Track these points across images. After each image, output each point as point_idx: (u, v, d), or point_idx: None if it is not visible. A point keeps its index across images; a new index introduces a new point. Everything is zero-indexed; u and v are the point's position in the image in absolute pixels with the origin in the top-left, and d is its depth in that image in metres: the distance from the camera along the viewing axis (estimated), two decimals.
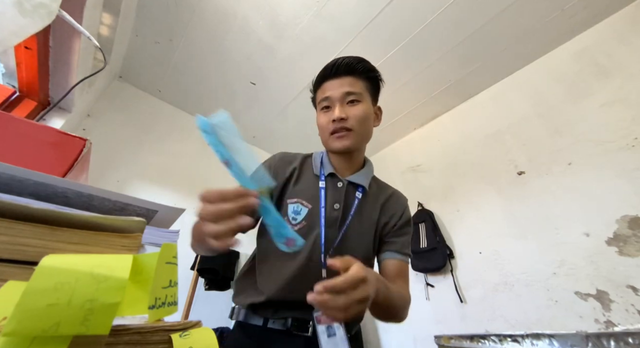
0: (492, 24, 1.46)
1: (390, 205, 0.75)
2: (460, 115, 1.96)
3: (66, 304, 0.13)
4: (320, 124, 0.71)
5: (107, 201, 0.25)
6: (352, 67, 0.69)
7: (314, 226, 0.66)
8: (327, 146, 0.72)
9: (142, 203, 0.26)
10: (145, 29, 1.59)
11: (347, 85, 0.68)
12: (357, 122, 0.67)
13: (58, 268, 0.14)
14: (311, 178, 0.73)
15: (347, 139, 0.67)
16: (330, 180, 0.72)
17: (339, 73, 0.69)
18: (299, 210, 0.68)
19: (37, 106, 1.16)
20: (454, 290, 1.54)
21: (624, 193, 1.15)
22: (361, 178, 0.74)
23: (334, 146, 0.68)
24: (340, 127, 0.66)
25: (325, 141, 0.71)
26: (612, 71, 1.32)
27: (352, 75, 0.69)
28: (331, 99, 0.68)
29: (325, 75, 0.71)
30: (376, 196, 0.75)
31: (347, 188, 0.71)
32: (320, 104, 0.71)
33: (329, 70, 0.70)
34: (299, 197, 0.70)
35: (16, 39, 0.55)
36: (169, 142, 2.02)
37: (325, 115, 0.69)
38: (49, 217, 0.19)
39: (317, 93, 0.73)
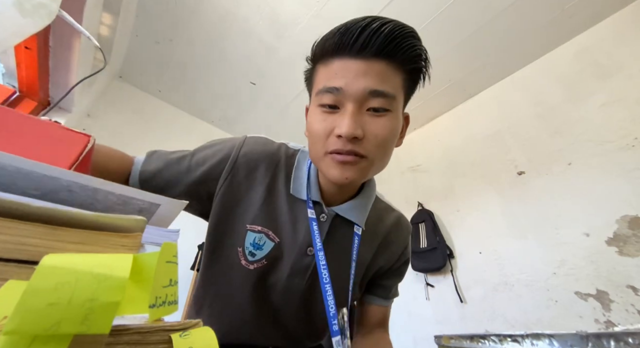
0: (492, 24, 1.46)
1: (391, 243, 0.57)
2: (460, 115, 1.96)
3: (67, 303, 0.13)
4: (314, 129, 0.43)
5: (111, 195, 0.25)
6: (395, 45, 0.39)
7: (277, 269, 0.50)
8: (318, 165, 0.46)
9: (145, 197, 0.27)
10: (145, 29, 1.59)
11: (375, 76, 0.40)
12: (377, 146, 0.41)
13: (59, 267, 0.14)
14: (284, 198, 0.51)
15: (356, 169, 0.42)
16: (314, 209, 0.50)
17: (367, 50, 0.39)
18: (262, 244, 0.49)
19: (37, 106, 1.16)
20: (453, 290, 1.54)
21: (624, 193, 1.15)
22: (355, 211, 0.51)
23: (331, 174, 0.42)
24: (349, 150, 0.40)
25: (317, 158, 0.44)
26: (612, 71, 1.32)
27: (389, 60, 0.40)
28: (344, 94, 0.40)
29: (340, 45, 0.40)
30: (373, 232, 0.55)
31: (334, 224, 0.51)
32: (320, 95, 0.42)
33: (350, 39, 0.39)
34: (264, 225, 0.50)
35: (16, 39, 0.55)
36: (169, 142, 2.02)
37: (325, 117, 0.42)
38: (49, 215, 0.19)
39: (319, 71, 0.45)
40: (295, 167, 0.53)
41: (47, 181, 0.22)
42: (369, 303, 0.59)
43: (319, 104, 0.43)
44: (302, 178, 0.52)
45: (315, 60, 0.46)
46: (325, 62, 0.43)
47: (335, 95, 0.41)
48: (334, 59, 0.42)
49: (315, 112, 0.44)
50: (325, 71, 0.43)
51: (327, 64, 0.43)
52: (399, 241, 0.58)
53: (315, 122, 0.43)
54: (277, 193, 0.51)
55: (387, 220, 0.58)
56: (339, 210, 0.51)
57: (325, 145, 0.42)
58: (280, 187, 0.52)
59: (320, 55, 0.44)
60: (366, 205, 0.54)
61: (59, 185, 0.23)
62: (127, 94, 1.93)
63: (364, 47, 0.39)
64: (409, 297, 1.70)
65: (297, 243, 0.49)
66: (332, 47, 0.41)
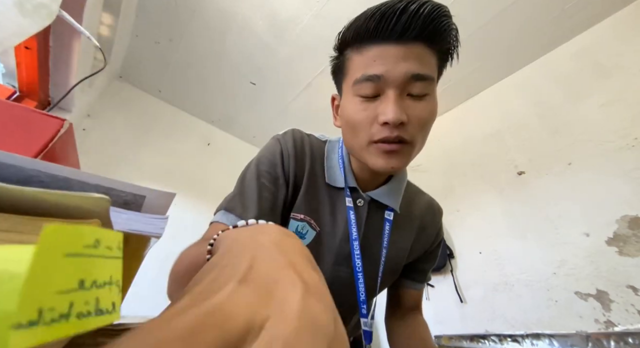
0: (492, 24, 1.46)
1: (426, 227, 0.56)
2: (460, 115, 1.96)
3: None
4: (355, 119, 0.42)
5: (87, 185, 0.21)
6: (433, 26, 0.38)
7: (320, 259, 0.49)
8: (360, 155, 0.45)
9: (127, 188, 0.22)
10: (145, 29, 1.59)
11: (415, 60, 0.39)
12: (420, 130, 0.42)
13: None
14: (322, 187, 0.51)
15: (401, 157, 0.42)
16: (351, 195, 0.51)
17: (407, 34, 0.38)
18: (304, 233, 0.49)
19: (37, 106, 1.16)
20: (453, 290, 1.54)
21: (624, 193, 1.15)
22: (390, 195, 0.51)
23: (376, 164, 0.42)
24: (396, 137, 0.40)
25: (360, 148, 0.43)
26: (612, 71, 1.32)
27: (427, 42, 0.40)
28: (385, 81, 0.39)
29: (377, 31, 0.39)
30: (408, 216, 0.54)
31: (369, 209, 0.50)
32: (359, 84, 0.41)
33: (389, 24, 0.38)
34: (307, 213, 0.49)
35: (17, 39, 0.55)
36: (169, 142, 2.02)
37: (366, 106, 0.41)
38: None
39: (352, 59, 0.43)
40: (326, 157, 0.53)
41: (12, 171, 0.19)
42: (406, 288, 0.59)
43: (357, 94, 0.42)
44: (335, 167, 0.52)
45: (344, 47, 0.44)
46: (359, 48, 0.42)
47: (376, 83, 0.40)
48: (370, 45, 0.40)
49: (352, 101, 0.43)
50: (360, 58, 0.41)
51: (362, 50, 0.41)
52: (433, 224, 0.58)
53: (354, 111, 0.42)
54: (315, 182, 0.51)
55: (420, 204, 0.58)
56: (374, 194, 0.51)
57: (370, 134, 0.41)
58: (318, 177, 0.51)
59: (352, 42, 0.42)
60: (400, 188, 0.53)
61: (25, 175, 0.19)
62: (127, 94, 1.93)
63: (404, 31, 0.38)
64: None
65: (338, 232, 0.49)
66: (367, 32, 0.40)
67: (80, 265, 0.13)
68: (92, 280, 0.13)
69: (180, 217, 1.84)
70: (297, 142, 0.52)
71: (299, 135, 0.53)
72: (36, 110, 0.27)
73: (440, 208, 0.62)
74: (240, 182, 0.49)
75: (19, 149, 0.20)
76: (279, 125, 2.23)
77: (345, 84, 0.46)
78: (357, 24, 0.41)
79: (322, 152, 0.54)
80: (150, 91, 2.03)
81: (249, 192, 0.46)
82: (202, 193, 1.99)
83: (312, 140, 0.55)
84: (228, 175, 2.49)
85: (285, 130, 0.55)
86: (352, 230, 0.47)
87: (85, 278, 0.13)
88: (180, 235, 1.79)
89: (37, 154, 0.25)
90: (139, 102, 1.98)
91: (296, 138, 0.52)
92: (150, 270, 1.64)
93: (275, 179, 0.48)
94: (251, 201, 0.45)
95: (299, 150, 0.51)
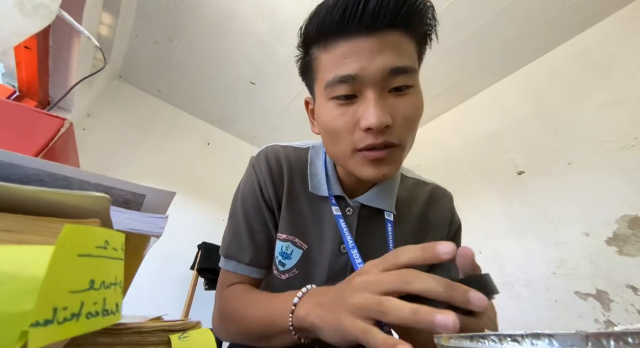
0: (492, 24, 1.46)
1: (432, 220, 0.51)
2: (460, 115, 1.96)
3: None
4: (333, 127, 0.37)
5: (87, 184, 0.21)
6: (407, 9, 0.33)
7: (312, 277, 0.46)
8: (345, 165, 0.40)
9: (127, 187, 0.22)
10: (145, 29, 1.59)
11: (392, 51, 0.34)
12: (408, 129, 0.37)
13: None
14: (304, 198, 0.48)
15: (391, 163, 0.37)
16: (338, 204, 0.47)
17: (378, 22, 0.33)
18: (290, 253, 0.47)
19: (37, 106, 1.16)
20: None
21: (624, 193, 1.15)
22: (381, 198, 0.47)
23: (365, 174, 0.38)
24: (382, 143, 0.35)
25: (344, 157, 0.39)
26: (612, 71, 1.32)
27: (403, 29, 0.35)
28: (361, 80, 0.34)
29: (343, 23, 0.34)
30: (407, 214, 0.50)
31: (360, 217, 0.47)
32: (331, 88, 0.36)
33: (355, 13, 0.33)
34: (289, 233, 0.47)
35: (17, 39, 0.55)
36: (169, 142, 2.02)
37: (344, 111, 0.36)
38: None
39: (320, 58, 0.38)
40: (310, 165, 0.50)
41: (13, 170, 0.19)
42: None
43: (332, 97, 0.37)
44: (319, 175, 0.48)
45: (309, 45, 0.39)
46: (326, 46, 0.36)
47: (351, 84, 0.35)
48: (338, 41, 0.35)
49: (328, 106, 0.38)
50: (329, 57, 0.36)
51: (330, 48, 0.36)
52: (442, 215, 0.52)
53: (332, 118, 0.37)
54: (296, 196, 0.48)
55: (420, 198, 0.52)
56: (364, 200, 0.46)
57: (353, 142, 0.37)
58: (298, 190, 0.48)
59: (317, 39, 0.37)
60: (393, 187, 0.48)
61: (26, 174, 0.19)
62: (127, 94, 1.93)
63: (374, 19, 0.33)
64: None
65: (328, 245, 0.46)
66: (332, 26, 0.35)
67: (92, 266, 0.13)
68: (101, 280, 0.13)
69: (180, 217, 1.84)
70: (270, 162, 0.49)
71: (273, 152, 0.50)
72: (37, 109, 0.27)
73: (447, 194, 0.56)
74: (231, 220, 0.50)
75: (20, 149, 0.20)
76: (279, 125, 2.23)
77: (317, 87, 0.40)
78: (319, 17, 0.36)
79: (303, 162, 0.50)
80: (150, 91, 2.03)
81: (241, 233, 0.48)
82: (202, 193, 1.99)
83: (290, 152, 0.51)
84: (228, 175, 2.49)
85: (259, 151, 0.52)
86: (347, 240, 0.43)
87: (95, 279, 0.13)
88: (180, 235, 1.79)
89: (37, 153, 0.25)
90: (139, 102, 1.98)
91: (269, 158, 0.49)
92: (150, 270, 1.64)
93: (260, 209, 0.48)
94: (245, 242, 0.47)
95: (275, 170, 0.48)
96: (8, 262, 0.11)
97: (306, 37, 0.39)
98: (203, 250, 1.63)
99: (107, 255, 0.14)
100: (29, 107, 0.27)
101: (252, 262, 0.47)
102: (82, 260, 0.12)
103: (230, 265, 0.47)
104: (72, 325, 0.11)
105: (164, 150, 1.96)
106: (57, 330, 0.11)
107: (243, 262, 0.46)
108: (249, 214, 0.48)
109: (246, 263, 0.46)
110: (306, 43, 0.40)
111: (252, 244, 0.47)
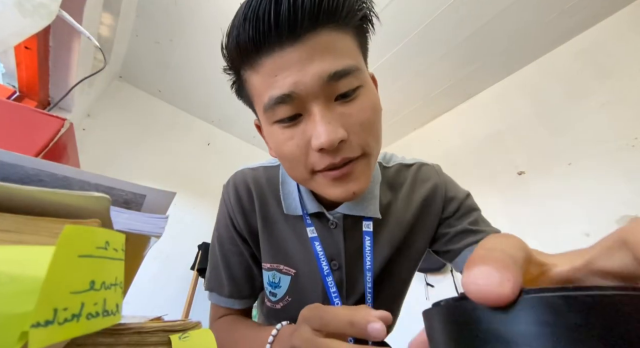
0: (492, 24, 1.46)
1: (422, 204, 0.46)
2: (460, 115, 1.96)
3: None
4: (284, 152, 0.34)
5: (87, 184, 0.20)
6: (329, 1, 0.29)
7: (308, 300, 0.42)
8: (309, 187, 0.37)
9: (127, 187, 0.22)
10: (145, 29, 1.59)
11: (325, 54, 0.30)
12: (368, 134, 0.33)
13: None
14: (281, 222, 0.45)
15: (359, 176, 0.34)
16: (316, 221, 0.44)
17: (297, 26, 0.29)
18: (277, 282, 0.45)
19: (37, 106, 1.16)
20: (453, 290, 1.54)
21: (624, 193, 1.15)
22: (363, 203, 0.43)
23: (333, 194, 0.34)
24: (341, 160, 0.32)
25: (304, 180, 0.36)
26: (612, 71, 1.32)
27: (331, 24, 0.30)
28: (298, 96, 0.30)
29: (258, 39, 0.30)
30: (393, 208, 0.46)
31: (345, 228, 0.43)
32: (270, 111, 0.32)
33: (267, 23, 0.29)
34: (272, 260, 0.45)
35: (17, 39, 0.55)
36: (168, 142, 2.02)
37: (291, 134, 0.33)
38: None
39: (250, 80, 0.34)
40: (281, 183, 0.46)
41: (12, 170, 0.19)
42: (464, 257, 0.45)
43: (274, 121, 0.33)
44: (292, 193, 0.45)
45: (236, 67, 0.34)
46: (252, 65, 0.32)
47: (289, 103, 0.31)
48: (261, 57, 0.31)
49: (274, 131, 0.34)
50: (258, 78, 0.32)
51: (256, 67, 0.31)
52: (431, 194, 0.47)
53: (281, 143, 0.33)
54: (273, 221, 0.46)
55: (405, 184, 0.47)
56: (344, 209, 0.42)
57: (309, 164, 0.33)
58: (273, 213, 0.46)
59: (240, 59, 0.33)
60: (372, 189, 0.44)
61: (26, 174, 0.19)
62: (127, 94, 1.93)
63: (293, 24, 0.28)
64: (408, 297, 1.69)
65: (315, 266, 0.42)
66: (250, 43, 0.30)
67: (92, 266, 0.13)
68: (101, 281, 0.13)
69: (180, 217, 1.84)
70: (239, 190, 0.46)
71: (241, 179, 0.47)
72: (37, 109, 0.27)
73: (432, 169, 0.51)
74: (211, 253, 0.51)
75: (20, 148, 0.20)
76: None
77: (257, 109, 0.37)
78: (235, 35, 0.31)
79: (275, 181, 0.47)
80: (150, 91, 2.03)
81: (218, 265, 0.48)
82: (202, 193, 1.99)
83: (259, 174, 0.48)
84: (228, 175, 2.48)
85: (228, 179, 0.50)
86: (322, 266, 0.40)
87: (95, 279, 0.13)
88: (180, 235, 1.79)
89: (37, 153, 0.25)
90: (139, 102, 1.98)
91: (238, 186, 0.47)
92: (150, 270, 1.64)
93: (233, 240, 0.48)
94: (222, 274, 0.48)
95: (244, 198, 0.46)
96: (8, 263, 0.11)
97: (230, 58, 0.34)
98: (203, 250, 1.63)
99: (108, 256, 0.14)
100: (29, 107, 0.27)
101: (232, 294, 0.47)
102: (82, 261, 0.12)
103: (213, 297, 0.49)
104: (72, 326, 0.11)
105: (164, 150, 1.96)
106: (57, 330, 0.11)
107: (223, 295, 0.47)
108: (224, 246, 0.49)
109: (226, 295, 0.47)
110: (233, 64, 0.35)
111: (229, 276, 0.48)
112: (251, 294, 0.49)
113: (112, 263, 0.14)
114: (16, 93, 1.11)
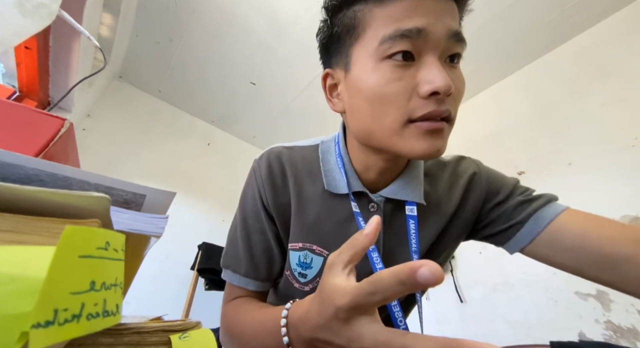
0: (492, 24, 1.46)
1: (465, 195, 0.45)
2: (461, 115, 1.95)
3: None
4: (386, 92, 0.32)
5: (87, 184, 0.21)
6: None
7: None
8: (390, 142, 0.34)
9: (127, 187, 0.22)
10: (145, 29, 1.59)
11: (452, 15, 0.34)
12: (458, 102, 0.35)
13: None
14: (318, 200, 0.44)
15: (444, 137, 0.33)
16: (358, 201, 0.42)
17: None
18: (309, 262, 0.43)
19: (37, 106, 1.16)
20: (453, 290, 1.54)
21: (624, 193, 1.15)
22: (408, 188, 0.42)
23: (418, 149, 0.33)
24: (446, 110, 0.32)
25: (390, 133, 0.34)
26: (612, 71, 1.32)
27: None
28: (425, 39, 0.31)
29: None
30: (435, 197, 0.45)
31: (385, 212, 0.42)
32: (388, 43, 0.32)
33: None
34: (305, 240, 0.43)
35: (17, 39, 0.55)
36: (169, 142, 2.02)
37: (401, 74, 0.32)
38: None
39: (373, 13, 0.33)
40: (322, 161, 0.45)
41: (13, 170, 0.19)
42: (560, 224, 0.42)
43: (387, 56, 0.32)
44: (334, 171, 0.43)
45: (350, 3, 0.35)
46: (382, 1, 0.32)
47: (414, 40, 0.31)
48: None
49: (381, 69, 0.32)
50: (387, 11, 0.32)
51: (386, 2, 0.32)
52: (474, 185, 0.46)
53: (385, 82, 0.32)
54: (308, 199, 0.44)
55: (442, 178, 0.46)
56: (388, 193, 0.41)
57: (407, 111, 0.32)
58: (309, 192, 0.44)
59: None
60: (418, 175, 0.43)
61: (26, 174, 0.19)
62: (127, 94, 1.93)
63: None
64: None
65: None
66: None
67: (92, 267, 0.13)
68: (101, 281, 0.13)
69: (180, 217, 1.84)
70: (272, 166, 0.45)
71: (275, 154, 0.46)
72: (37, 109, 0.27)
73: (471, 163, 0.49)
74: (231, 229, 0.48)
75: (20, 148, 0.20)
76: (279, 125, 2.23)
77: (359, 48, 0.35)
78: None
79: (313, 160, 0.46)
80: (150, 91, 2.03)
81: (238, 242, 0.46)
82: (202, 193, 1.99)
83: (295, 152, 0.47)
84: (228, 175, 2.49)
85: (261, 153, 0.48)
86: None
87: (96, 279, 0.13)
88: (180, 235, 1.79)
89: (37, 153, 0.25)
90: (139, 102, 1.98)
91: (271, 161, 0.46)
92: (150, 270, 1.64)
93: (259, 216, 0.46)
94: (241, 251, 0.45)
95: (277, 175, 0.45)
96: (8, 263, 0.11)
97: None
98: (203, 250, 1.63)
99: (108, 256, 0.14)
100: (29, 107, 0.27)
101: (248, 273, 0.44)
102: (82, 261, 0.12)
103: (227, 275, 0.46)
104: (73, 326, 0.11)
105: (164, 150, 1.96)
106: (57, 331, 0.11)
107: (238, 272, 0.45)
108: (247, 222, 0.46)
109: (241, 273, 0.44)
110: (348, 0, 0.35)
111: (247, 254, 0.45)
112: (267, 278, 0.46)
113: (112, 263, 0.14)
114: (16, 93, 1.11)
